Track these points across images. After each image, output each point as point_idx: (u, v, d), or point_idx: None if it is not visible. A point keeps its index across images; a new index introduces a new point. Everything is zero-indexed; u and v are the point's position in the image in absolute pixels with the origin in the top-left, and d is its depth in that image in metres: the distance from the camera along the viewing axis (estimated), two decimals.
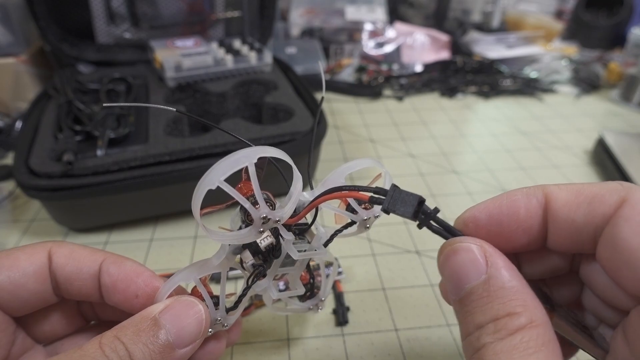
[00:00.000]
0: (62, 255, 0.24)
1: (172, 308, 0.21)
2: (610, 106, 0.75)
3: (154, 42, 0.61)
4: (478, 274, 0.19)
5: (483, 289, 0.19)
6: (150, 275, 0.24)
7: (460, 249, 0.20)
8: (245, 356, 0.33)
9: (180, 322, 0.21)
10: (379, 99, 0.75)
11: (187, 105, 0.55)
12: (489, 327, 0.18)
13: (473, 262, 0.19)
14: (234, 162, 0.20)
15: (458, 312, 0.20)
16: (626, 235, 0.18)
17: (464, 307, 0.19)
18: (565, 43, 0.95)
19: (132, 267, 0.24)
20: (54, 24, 0.59)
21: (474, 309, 0.18)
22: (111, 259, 0.24)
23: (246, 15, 0.70)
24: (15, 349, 0.24)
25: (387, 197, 0.21)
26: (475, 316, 0.18)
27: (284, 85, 0.58)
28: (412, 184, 0.53)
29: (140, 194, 0.43)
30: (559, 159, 0.60)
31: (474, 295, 0.19)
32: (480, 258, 0.19)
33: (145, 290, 0.24)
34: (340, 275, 0.39)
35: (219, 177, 0.20)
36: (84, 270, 0.24)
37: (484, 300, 0.18)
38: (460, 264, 0.19)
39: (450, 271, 0.20)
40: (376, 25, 0.86)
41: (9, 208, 0.49)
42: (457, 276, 0.19)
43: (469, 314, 0.19)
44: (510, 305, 0.18)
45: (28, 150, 0.43)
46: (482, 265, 0.19)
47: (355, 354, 0.34)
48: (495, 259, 0.19)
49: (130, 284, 0.24)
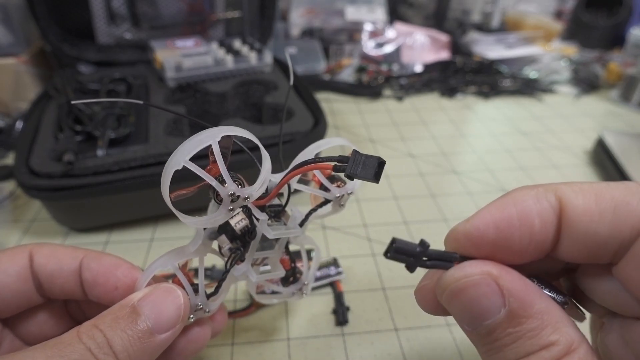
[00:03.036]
0: (43, 255, 0.24)
1: (150, 294, 0.22)
2: (609, 106, 0.75)
3: (154, 42, 0.61)
4: (496, 308, 0.17)
5: (507, 324, 0.16)
6: (128, 267, 0.25)
7: (468, 285, 0.17)
8: (246, 356, 0.33)
9: (158, 307, 0.21)
10: (379, 99, 0.75)
11: (187, 106, 0.55)
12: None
13: (487, 296, 0.17)
14: (197, 141, 0.20)
15: (477, 344, 0.18)
16: None
17: (487, 345, 0.17)
18: (565, 43, 0.95)
19: (111, 261, 0.25)
20: (55, 24, 0.59)
21: (502, 347, 0.16)
22: (91, 255, 0.25)
23: (246, 15, 0.70)
24: (3, 351, 0.24)
25: (349, 162, 0.20)
26: (506, 354, 0.16)
27: (284, 86, 0.58)
28: (412, 184, 0.53)
29: (141, 194, 0.43)
30: (559, 159, 0.60)
31: (497, 333, 0.17)
32: (493, 291, 0.17)
33: (124, 281, 0.24)
34: (340, 275, 0.39)
35: (185, 157, 0.20)
36: (65, 268, 0.24)
37: (511, 337, 0.16)
38: (473, 301, 0.17)
39: (461, 309, 0.18)
40: (376, 25, 0.86)
41: (10, 208, 0.49)
42: (472, 314, 0.17)
43: (495, 351, 0.17)
44: (543, 336, 0.16)
45: (28, 150, 0.43)
46: (499, 298, 0.17)
47: (355, 354, 0.34)
48: (510, 285, 0.17)
49: (109, 276, 0.24)
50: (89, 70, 0.61)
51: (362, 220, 0.47)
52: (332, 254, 0.43)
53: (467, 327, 0.18)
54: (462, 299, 0.18)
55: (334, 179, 0.26)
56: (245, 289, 0.39)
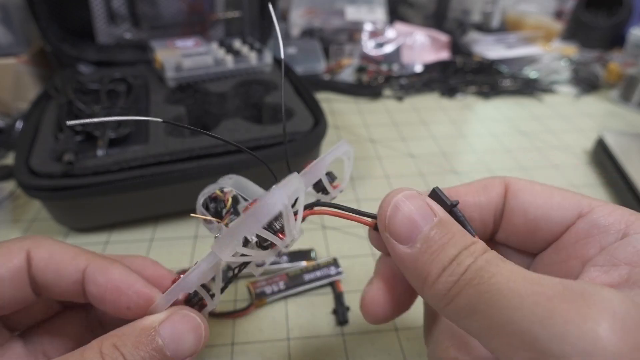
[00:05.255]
0: (42, 260, 0.22)
1: (171, 320, 0.21)
2: (609, 106, 0.75)
3: (155, 43, 0.61)
4: (430, 217, 0.20)
5: (441, 228, 0.20)
6: (142, 285, 0.23)
7: (406, 197, 0.21)
8: (246, 356, 0.33)
9: (178, 336, 0.21)
10: (379, 99, 0.75)
11: (188, 106, 0.55)
12: (464, 254, 0.18)
13: (422, 207, 0.20)
14: (267, 211, 0.21)
15: (416, 262, 0.20)
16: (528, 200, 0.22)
17: (426, 252, 0.19)
18: (565, 43, 0.95)
19: (120, 277, 0.23)
20: (55, 24, 0.59)
21: (442, 247, 0.19)
22: (96, 265, 0.23)
23: (246, 15, 0.70)
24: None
25: None
26: (445, 253, 0.19)
27: (284, 85, 0.58)
28: (412, 184, 0.53)
29: (141, 194, 0.43)
30: (559, 159, 0.60)
31: (434, 237, 0.19)
32: (424, 203, 0.21)
33: (138, 302, 0.22)
34: (340, 275, 0.39)
35: (259, 227, 0.21)
36: (65, 278, 0.22)
37: (447, 237, 0.19)
38: (412, 212, 0.20)
39: (402, 220, 0.20)
40: (376, 25, 0.86)
41: (10, 208, 0.49)
42: (412, 223, 0.20)
43: (436, 254, 0.19)
44: (468, 237, 0.19)
45: (28, 150, 0.43)
46: (429, 209, 0.20)
47: (355, 354, 0.34)
48: (432, 202, 0.21)
49: (120, 295, 0.22)
50: (89, 70, 0.61)
51: None
52: (332, 254, 0.43)
53: (407, 245, 0.20)
54: (402, 212, 0.20)
55: (331, 179, 0.26)
56: (244, 289, 0.39)
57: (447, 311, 0.18)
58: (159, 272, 0.26)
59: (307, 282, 0.38)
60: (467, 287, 0.17)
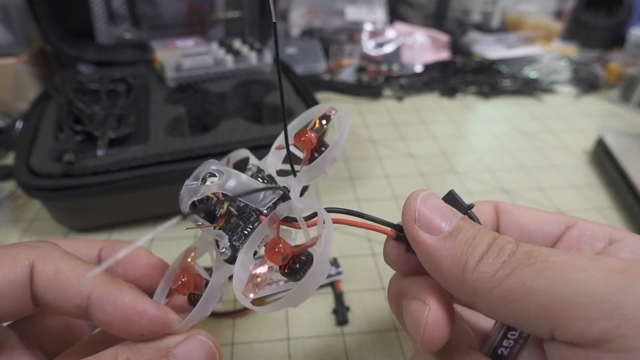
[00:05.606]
0: (46, 278, 0.20)
1: (187, 345, 0.21)
2: (609, 106, 0.75)
3: (155, 42, 0.61)
4: (455, 212, 0.21)
5: (466, 220, 0.21)
6: (157, 313, 0.21)
7: (432, 194, 0.22)
8: (246, 356, 0.33)
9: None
10: (379, 99, 0.75)
11: (188, 106, 0.55)
12: (500, 240, 0.19)
13: (443, 204, 0.22)
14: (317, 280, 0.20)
15: (452, 247, 0.19)
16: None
17: (463, 236, 0.20)
18: (565, 43, 0.95)
19: (130, 304, 0.20)
20: (55, 24, 0.59)
21: (475, 234, 0.19)
22: (102, 291, 0.21)
23: (246, 15, 0.70)
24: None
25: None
26: (483, 237, 0.19)
27: (284, 85, 0.58)
28: (412, 184, 0.53)
29: (141, 194, 0.43)
30: (559, 159, 0.60)
31: (466, 226, 0.20)
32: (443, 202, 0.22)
33: (152, 329, 0.21)
34: (340, 275, 0.39)
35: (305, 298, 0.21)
36: (67, 301, 0.21)
37: (477, 226, 0.20)
38: (441, 204, 0.21)
39: (431, 211, 0.21)
40: (376, 25, 0.86)
41: (10, 208, 0.49)
42: (442, 213, 0.21)
43: (471, 239, 0.19)
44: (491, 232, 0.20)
45: (28, 150, 0.43)
46: (450, 207, 0.21)
47: (355, 354, 0.34)
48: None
49: (132, 324, 0.20)
50: (89, 70, 0.61)
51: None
52: (332, 254, 0.43)
53: (438, 239, 0.20)
54: (433, 201, 0.21)
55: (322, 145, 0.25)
56: None
57: (494, 294, 0.18)
58: (151, 261, 0.26)
59: None
60: (522, 266, 0.17)
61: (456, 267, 0.19)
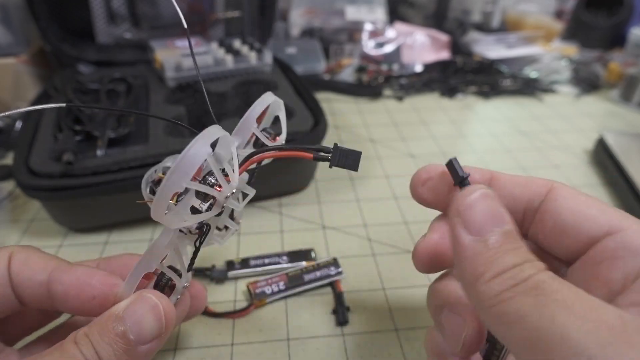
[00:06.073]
0: (18, 261, 0.24)
1: (133, 305, 0.22)
2: (610, 106, 0.75)
3: (154, 42, 0.61)
4: (504, 222, 0.20)
5: (510, 236, 0.19)
6: (104, 274, 0.24)
7: (489, 194, 0.20)
8: (246, 356, 0.33)
9: (139, 319, 0.22)
10: (379, 99, 0.75)
11: (187, 106, 0.55)
12: (527, 265, 0.18)
13: (501, 211, 0.20)
14: (190, 162, 0.20)
15: (479, 254, 0.19)
16: (564, 204, 0.22)
17: (494, 248, 0.19)
18: (565, 43, 0.95)
19: (83, 271, 0.24)
20: (55, 24, 0.59)
21: (506, 251, 0.19)
22: (62, 267, 0.24)
23: (246, 15, 0.70)
24: None
25: (334, 154, 0.23)
26: (508, 257, 0.19)
27: (284, 85, 0.58)
28: None
29: (140, 194, 0.43)
30: (559, 159, 0.60)
31: (501, 240, 0.19)
32: (504, 210, 0.20)
33: (101, 289, 0.24)
34: (340, 275, 0.39)
35: (186, 179, 0.20)
36: (33, 279, 0.24)
37: (513, 245, 0.19)
38: (492, 208, 0.20)
39: (479, 211, 0.20)
40: (376, 25, 0.86)
41: (9, 208, 0.49)
42: (486, 218, 0.20)
43: (500, 254, 0.19)
44: (531, 253, 0.19)
45: (28, 150, 0.43)
46: (507, 217, 0.20)
47: (355, 354, 0.34)
48: (505, 212, 0.20)
49: (84, 287, 0.24)
50: (88, 70, 0.61)
51: (362, 220, 0.47)
52: (332, 254, 0.43)
53: (471, 235, 0.20)
54: (485, 202, 0.20)
55: (268, 133, 0.27)
56: (244, 289, 0.39)
57: (490, 312, 0.18)
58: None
59: (307, 282, 0.38)
60: (524, 294, 0.17)
61: (471, 274, 0.19)
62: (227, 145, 0.23)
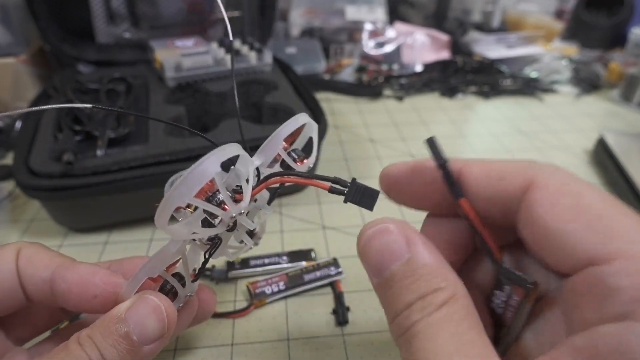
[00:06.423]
0: (25, 257, 0.24)
1: (135, 306, 0.22)
2: (610, 106, 0.75)
3: (154, 42, 0.61)
4: (401, 254, 0.19)
5: (407, 268, 0.19)
6: (107, 273, 0.24)
7: (381, 230, 0.20)
8: (245, 356, 0.33)
9: (142, 320, 0.22)
10: (379, 99, 0.75)
11: (187, 106, 0.55)
12: (418, 305, 0.18)
13: (395, 243, 0.20)
14: (197, 179, 0.20)
15: (383, 296, 0.20)
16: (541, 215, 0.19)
17: (390, 289, 0.19)
18: (566, 43, 0.95)
19: (86, 269, 0.24)
20: (54, 24, 0.59)
21: (401, 289, 0.19)
22: (65, 264, 0.24)
23: (246, 15, 0.70)
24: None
25: (350, 189, 0.23)
26: (403, 296, 0.19)
27: (284, 85, 0.58)
28: None
29: (140, 194, 0.43)
30: (559, 159, 0.60)
31: (398, 276, 0.19)
32: (401, 238, 0.20)
33: (104, 288, 0.24)
34: (340, 275, 0.39)
35: (191, 194, 0.20)
36: (37, 275, 0.24)
37: (409, 280, 0.19)
38: (383, 246, 0.20)
39: (373, 254, 0.20)
40: (376, 25, 0.86)
41: (9, 208, 0.49)
42: (381, 258, 0.20)
43: (396, 294, 0.19)
44: (434, 281, 0.18)
45: (28, 150, 0.43)
46: (404, 246, 0.19)
47: (355, 354, 0.34)
48: (415, 238, 0.20)
49: (87, 285, 0.24)
50: (88, 70, 0.61)
51: (362, 220, 0.47)
52: (332, 254, 0.43)
53: (376, 278, 0.20)
54: (374, 244, 0.20)
55: (296, 155, 0.26)
56: (244, 289, 0.39)
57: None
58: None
59: (307, 283, 0.38)
60: (404, 345, 0.18)
61: (386, 314, 0.20)
62: (246, 165, 0.23)
